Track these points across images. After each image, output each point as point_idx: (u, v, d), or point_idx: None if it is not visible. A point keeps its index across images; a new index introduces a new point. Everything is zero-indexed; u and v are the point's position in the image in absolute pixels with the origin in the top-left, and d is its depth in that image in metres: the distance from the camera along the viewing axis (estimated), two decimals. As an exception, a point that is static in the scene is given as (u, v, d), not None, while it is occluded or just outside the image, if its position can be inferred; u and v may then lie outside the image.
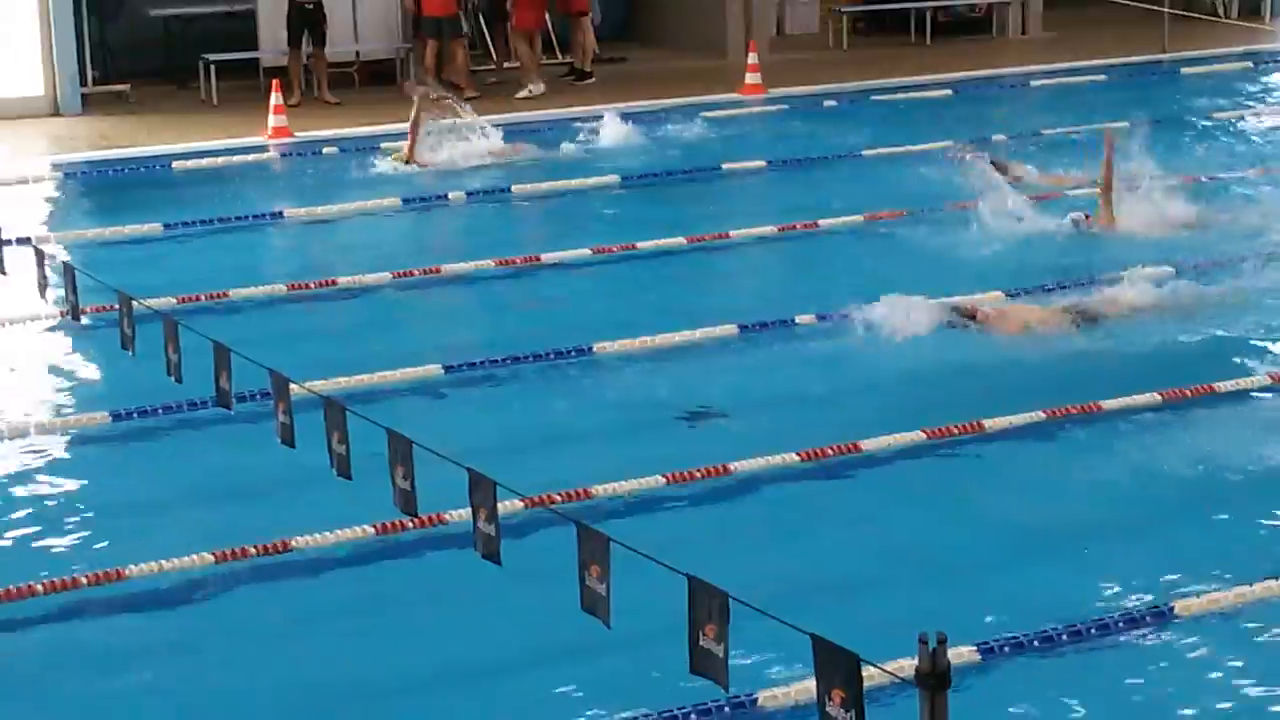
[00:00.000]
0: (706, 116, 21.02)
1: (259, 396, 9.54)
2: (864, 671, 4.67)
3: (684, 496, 9.61)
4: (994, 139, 18.42)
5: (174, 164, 18.66)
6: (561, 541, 6.32)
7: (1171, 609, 8.07)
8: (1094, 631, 7.87)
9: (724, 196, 17.37)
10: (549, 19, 24.26)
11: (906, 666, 5.70)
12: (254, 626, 8.34)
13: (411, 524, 8.64)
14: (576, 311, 13.52)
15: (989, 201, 15.04)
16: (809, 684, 6.84)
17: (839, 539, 9.19)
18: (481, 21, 24.37)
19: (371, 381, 11.31)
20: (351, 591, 8.68)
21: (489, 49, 24.56)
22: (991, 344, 11.96)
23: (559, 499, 9.19)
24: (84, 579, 8.52)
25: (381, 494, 7.12)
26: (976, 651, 7.60)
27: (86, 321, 11.93)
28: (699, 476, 9.73)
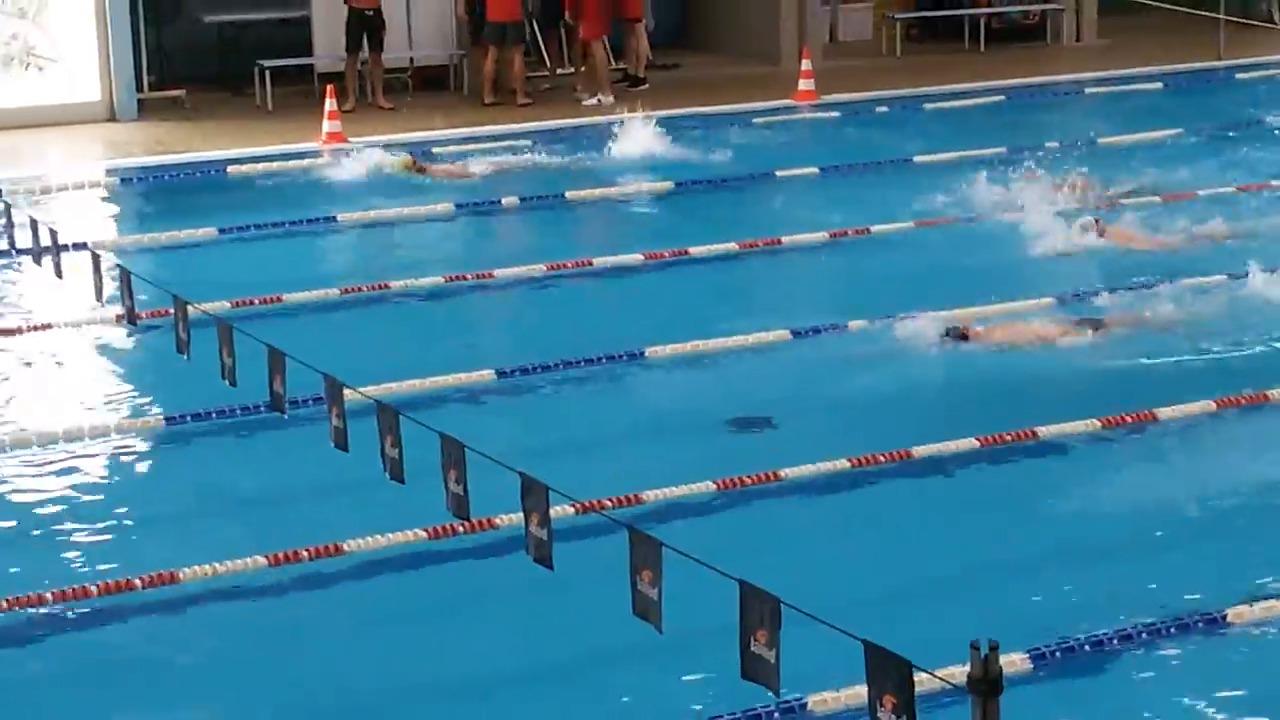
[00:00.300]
0: (759, 123, 21.03)
1: (312, 401, 9.58)
2: (915, 677, 4.67)
3: (735, 502, 9.62)
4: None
5: (229, 169, 18.75)
6: (613, 546, 6.33)
7: (1224, 616, 8.05)
8: (1145, 637, 7.85)
9: (776, 202, 17.37)
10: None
11: (957, 674, 5.70)
12: (306, 629, 8.38)
13: (463, 528, 8.68)
14: (628, 316, 13.54)
15: (1034, 213, 15.07)
16: (858, 689, 6.84)
17: (890, 545, 9.18)
18: (535, 28, 24.41)
19: (424, 386, 11.34)
20: (403, 595, 8.72)
21: (542, 56, 24.59)
22: (1045, 353, 11.94)
23: (610, 504, 9.20)
24: (138, 581, 8.57)
25: (434, 498, 7.15)
26: (1028, 658, 7.59)
27: (142, 325, 11.99)
28: (750, 482, 9.74)
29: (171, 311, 9.83)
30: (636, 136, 19.38)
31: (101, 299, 11.05)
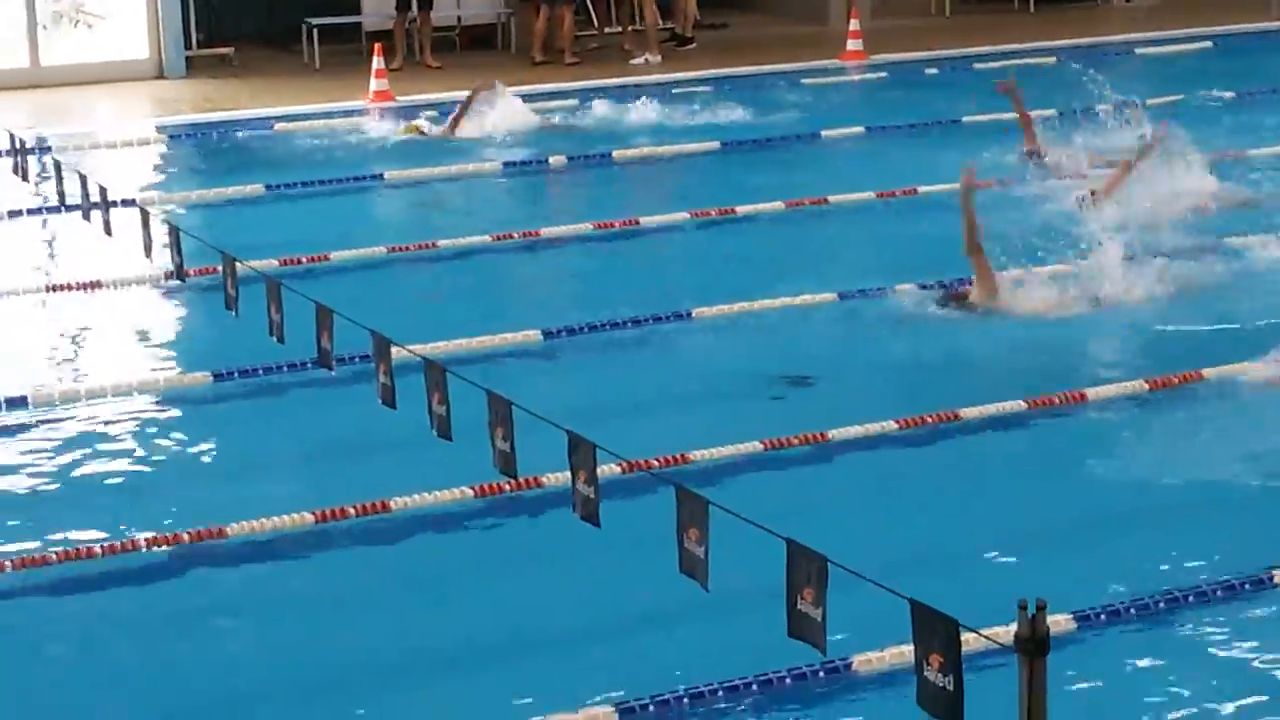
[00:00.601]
0: (807, 83, 20.96)
1: (360, 358, 9.60)
2: (962, 637, 4.67)
3: (782, 462, 9.61)
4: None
5: (276, 126, 18.77)
6: (659, 505, 6.34)
7: (1271, 578, 8.02)
8: (1191, 600, 7.83)
9: (823, 162, 17.32)
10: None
11: (1002, 634, 5.70)
12: (352, 586, 8.41)
13: (510, 486, 8.69)
14: (675, 276, 13.53)
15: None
16: (903, 649, 6.85)
17: (937, 506, 9.17)
18: (583, -13, 24.36)
19: (471, 345, 11.36)
20: (450, 552, 8.74)
21: (590, 15, 24.54)
22: (1093, 315, 11.90)
23: (656, 464, 9.21)
24: (185, 535, 8.62)
25: (481, 456, 7.16)
26: (1073, 620, 7.58)
27: (190, 282, 12.03)
28: (797, 443, 9.73)
29: (220, 268, 9.86)
30: (684, 96, 19.32)
31: (150, 256, 11.08)
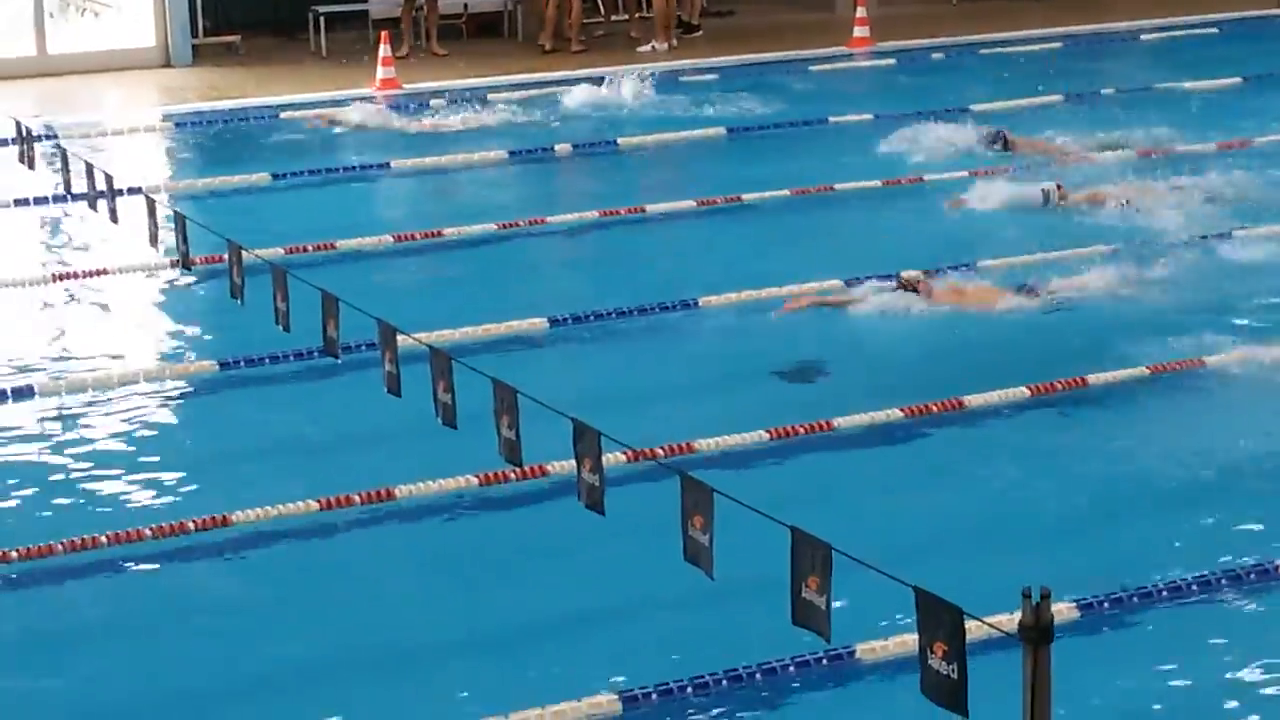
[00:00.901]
0: (814, 70, 20.94)
1: (365, 346, 9.61)
2: (966, 625, 4.68)
3: (787, 451, 9.62)
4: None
5: (282, 115, 18.77)
6: (664, 493, 6.34)
7: (1276, 567, 8.02)
8: (1195, 588, 7.84)
9: (830, 149, 17.30)
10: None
11: (1006, 622, 5.71)
12: (357, 574, 8.42)
13: (515, 474, 8.69)
14: (681, 264, 13.52)
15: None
16: (907, 637, 6.86)
17: (942, 494, 9.18)
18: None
19: (476, 334, 11.36)
20: (455, 540, 8.76)
21: (597, 2, 24.53)
22: (1094, 302, 11.90)
23: (662, 452, 9.21)
24: (191, 524, 8.63)
25: (486, 444, 7.16)
26: (1076, 608, 7.58)
27: (196, 270, 12.04)
28: (802, 432, 9.74)
29: (225, 257, 9.87)
30: (687, 83, 19.31)
31: (156, 244, 11.10)
